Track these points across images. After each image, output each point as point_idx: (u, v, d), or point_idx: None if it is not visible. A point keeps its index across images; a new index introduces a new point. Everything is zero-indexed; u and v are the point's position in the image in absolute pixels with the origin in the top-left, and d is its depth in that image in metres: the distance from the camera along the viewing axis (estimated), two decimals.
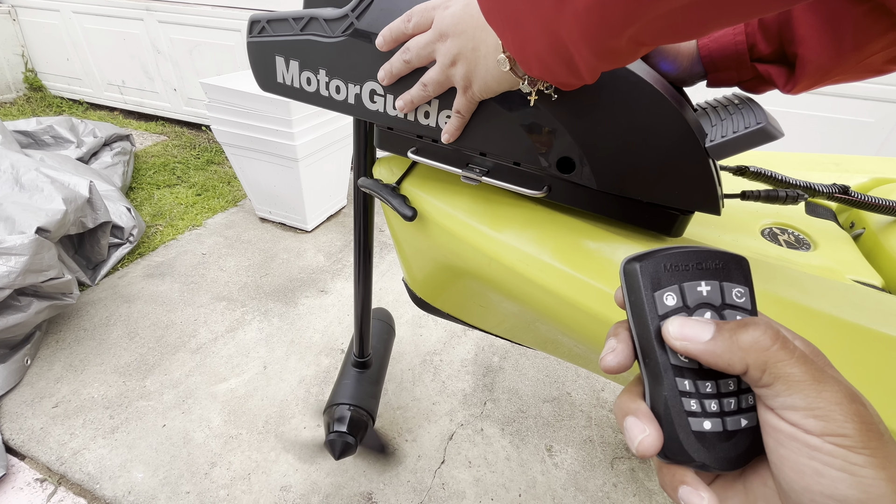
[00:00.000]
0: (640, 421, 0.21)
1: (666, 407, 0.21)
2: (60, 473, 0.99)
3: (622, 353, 0.22)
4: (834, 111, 1.57)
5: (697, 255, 0.22)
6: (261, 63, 0.50)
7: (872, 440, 0.17)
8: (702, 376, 0.21)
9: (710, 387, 0.21)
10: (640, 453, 0.21)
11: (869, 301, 0.37)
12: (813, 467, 0.17)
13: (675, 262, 0.22)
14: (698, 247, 0.22)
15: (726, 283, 0.22)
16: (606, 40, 0.22)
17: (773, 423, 0.19)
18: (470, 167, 0.46)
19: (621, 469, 1.06)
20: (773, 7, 0.18)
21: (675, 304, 0.21)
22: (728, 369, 0.20)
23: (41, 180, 1.29)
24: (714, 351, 0.20)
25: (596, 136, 0.38)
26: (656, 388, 0.22)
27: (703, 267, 0.22)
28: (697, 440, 0.21)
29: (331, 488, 1.00)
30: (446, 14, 0.36)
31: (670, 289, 0.22)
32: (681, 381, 0.21)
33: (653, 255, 0.22)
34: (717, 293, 0.22)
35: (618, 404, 0.23)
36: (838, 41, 0.32)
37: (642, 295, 0.22)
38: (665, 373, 0.21)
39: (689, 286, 0.22)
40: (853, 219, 0.56)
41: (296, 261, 1.71)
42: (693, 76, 0.41)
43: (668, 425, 0.21)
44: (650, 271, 0.22)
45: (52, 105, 2.96)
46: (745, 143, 0.33)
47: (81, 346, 1.30)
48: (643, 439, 0.20)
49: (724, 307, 0.22)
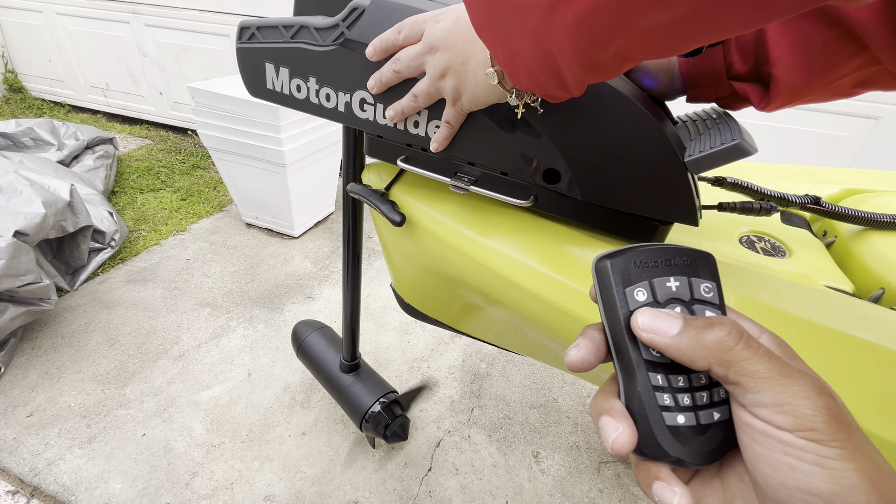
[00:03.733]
0: (613, 419, 0.21)
1: (640, 402, 0.21)
2: (34, 485, 0.96)
3: (586, 349, 0.23)
4: (808, 125, 1.63)
5: (666, 252, 0.23)
6: (250, 69, 0.50)
7: (841, 432, 0.17)
8: (674, 371, 0.22)
9: (683, 381, 0.22)
10: (614, 451, 0.21)
11: (841, 306, 0.38)
12: (787, 462, 0.17)
13: (644, 258, 0.23)
14: (666, 244, 0.23)
15: (694, 279, 0.23)
16: (594, 53, 0.23)
17: (746, 421, 0.19)
18: (458, 176, 0.47)
19: (607, 474, 1.07)
20: (749, 25, 0.19)
21: (646, 299, 0.22)
22: (692, 365, 0.20)
23: (20, 183, 1.26)
24: (679, 346, 0.20)
25: (580, 149, 0.40)
26: (630, 384, 0.22)
27: (671, 263, 0.23)
28: (672, 435, 0.21)
29: (316, 497, 0.98)
30: (437, 28, 0.37)
31: (640, 285, 0.22)
32: (653, 376, 0.22)
33: (623, 253, 0.23)
34: (686, 288, 0.22)
35: (593, 404, 0.23)
36: (809, 63, 0.34)
37: (613, 291, 0.22)
38: (638, 368, 0.22)
39: (659, 282, 0.22)
40: (826, 227, 0.58)
41: (282, 267, 1.69)
42: (673, 91, 0.43)
43: (643, 421, 0.21)
44: (621, 268, 0.22)
45: (33, 107, 2.90)
46: (722, 159, 0.35)
47: (58, 353, 1.26)
48: (617, 437, 0.21)
49: (694, 302, 0.22)
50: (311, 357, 1.05)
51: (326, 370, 1.01)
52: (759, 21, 0.18)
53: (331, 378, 1.00)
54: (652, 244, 0.23)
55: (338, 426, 1.13)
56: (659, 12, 0.19)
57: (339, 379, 0.99)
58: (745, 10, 0.17)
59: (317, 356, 1.04)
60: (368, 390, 0.96)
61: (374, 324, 1.45)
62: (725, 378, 0.20)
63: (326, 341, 1.06)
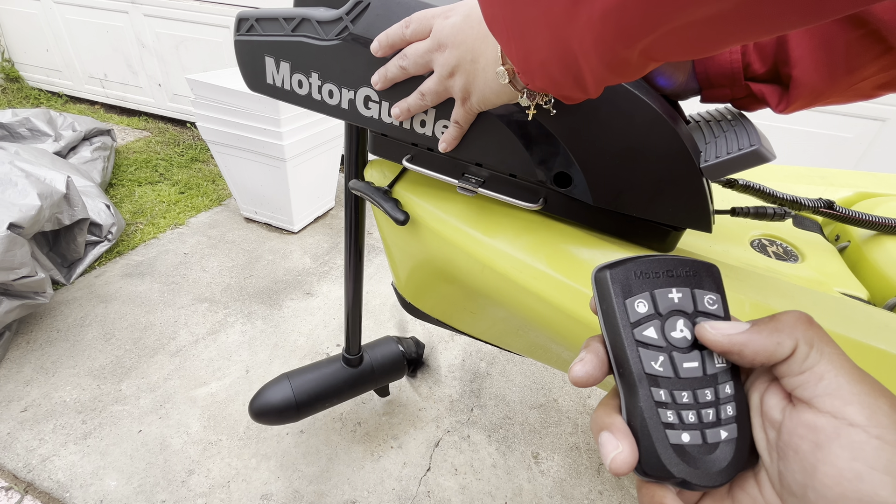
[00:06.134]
0: (614, 436, 0.20)
1: (642, 419, 0.20)
2: (28, 481, 0.95)
3: (590, 363, 0.22)
4: (814, 126, 1.61)
5: (667, 263, 0.22)
6: (249, 63, 0.48)
7: None
8: (678, 386, 0.21)
9: (688, 397, 0.21)
10: (613, 471, 0.20)
11: (858, 314, 0.37)
12: (854, 470, 0.16)
13: (644, 269, 0.22)
14: (668, 255, 0.22)
15: (698, 290, 0.22)
16: (619, 50, 0.21)
17: (810, 422, 0.18)
18: (466, 177, 0.45)
19: (607, 476, 1.07)
20: (796, 25, 0.17)
21: (647, 311, 0.21)
22: (774, 353, 0.19)
23: (15, 174, 1.24)
24: (758, 337, 0.19)
25: (593, 152, 0.38)
26: (631, 399, 0.21)
27: (673, 274, 0.22)
28: (676, 454, 0.20)
29: (313, 496, 0.97)
30: (446, 24, 0.35)
31: (641, 296, 0.21)
32: (656, 391, 0.21)
33: (623, 263, 0.22)
34: (689, 300, 0.22)
35: (594, 418, 0.22)
36: (831, 65, 0.33)
37: (613, 302, 0.21)
38: (640, 382, 0.21)
39: (661, 293, 0.22)
40: (838, 232, 0.57)
41: (281, 262, 1.68)
42: (687, 91, 0.41)
43: (645, 438, 0.20)
44: (621, 279, 0.22)
45: (30, 97, 2.87)
46: (739, 165, 0.34)
47: (54, 347, 1.25)
48: (616, 456, 0.20)
49: (697, 314, 0.22)
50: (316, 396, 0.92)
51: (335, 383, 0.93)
52: (810, 20, 0.17)
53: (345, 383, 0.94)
54: (654, 254, 0.22)
55: (336, 424, 1.12)
56: (698, 7, 0.17)
57: (354, 375, 0.95)
58: (797, 7, 0.16)
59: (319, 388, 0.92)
60: (386, 353, 1.00)
61: (373, 321, 1.44)
62: (804, 360, 0.19)
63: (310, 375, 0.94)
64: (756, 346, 0.19)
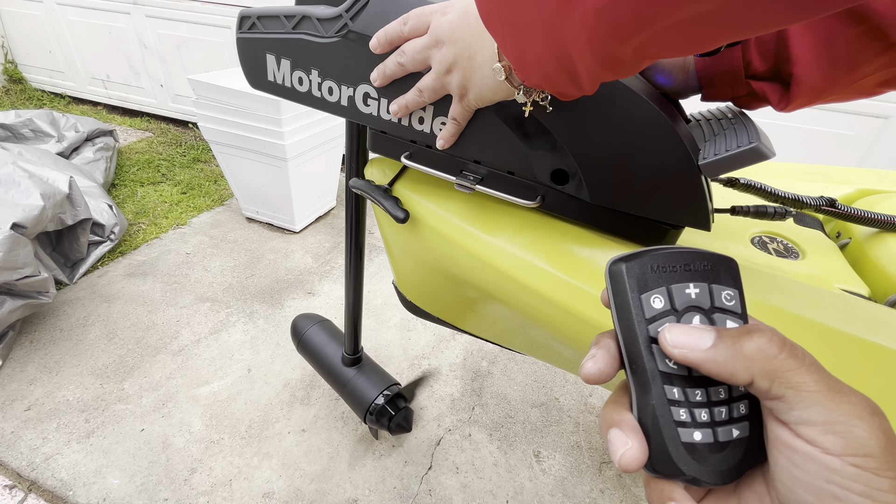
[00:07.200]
0: (623, 433, 0.20)
1: (654, 417, 0.20)
2: (31, 480, 0.96)
3: (602, 360, 0.22)
4: (816, 124, 1.61)
5: (685, 256, 0.21)
6: (251, 60, 0.48)
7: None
8: (692, 384, 0.20)
9: (701, 395, 0.20)
10: (622, 467, 0.20)
11: (859, 310, 0.37)
12: (830, 491, 0.16)
13: (662, 262, 0.21)
14: (687, 248, 0.22)
15: (715, 286, 0.21)
16: (612, 47, 0.21)
17: (786, 441, 0.17)
18: (464, 174, 0.46)
19: (609, 475, 1.06)
20: (786, 22, 0.17)
21: (663, 307, 0.21)
22: (731, 379, 0.19)
23: (18, 174, 1.25)
24: (716, 359, 0.19)
25: (591, 149, 0.38)
26: (643, 397, 0.21)
27: (691, 268, 0.21)
28: (687, 452, 0.20)
29: (315, 495, 0.98)
30: (444, 20, 0.35)
31: (657, 291, 0.21)
32: (669, 389, 0.20)
33: (639, 256, 0.21)
34: (707, 296, 0.21)
35: (602, 415, 0.22)
36: (832, 62, 0.33)
37: (628, 297, 0.21)
38: (653, 380, 0.20)
39: (678, 288, 0.21)
40: (839, 229, 0.57)
41: (283, 262, 1.68)
42: (688, 90, 0.41)
43: (657, 436, 0.20)
44: (636, 272, 0.21)
45: (33, 98, 2.88)
46: (738, 162, 0.34)
47: (57, 346, 1.25)
48: (625, 452, 0.20)
49: (714, 310, 0.21)
50: (313, 351, 1.04)
51: (328, 364, 1.00)
52: (799, 17, 0.17)
53: (333, 372, 0.99)
54: (671, 247, 0.22)
55: (338, 423, 1.12)
56: (689, 5, 0.17)
57: (342, 372, 0.98)
58: (785, 5, 0.16)
59: (318, 350, 1.03)
60: (372, 383, 0.96)
61: (375, 320, 1.44)
62: (768, 392, 0.18)
63: (327, 335, 1.05)
64: (710, 368, 0.19)
